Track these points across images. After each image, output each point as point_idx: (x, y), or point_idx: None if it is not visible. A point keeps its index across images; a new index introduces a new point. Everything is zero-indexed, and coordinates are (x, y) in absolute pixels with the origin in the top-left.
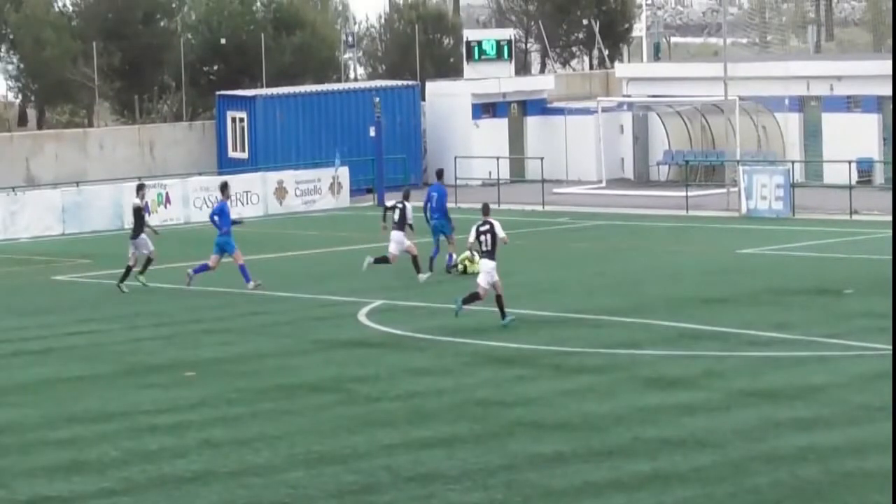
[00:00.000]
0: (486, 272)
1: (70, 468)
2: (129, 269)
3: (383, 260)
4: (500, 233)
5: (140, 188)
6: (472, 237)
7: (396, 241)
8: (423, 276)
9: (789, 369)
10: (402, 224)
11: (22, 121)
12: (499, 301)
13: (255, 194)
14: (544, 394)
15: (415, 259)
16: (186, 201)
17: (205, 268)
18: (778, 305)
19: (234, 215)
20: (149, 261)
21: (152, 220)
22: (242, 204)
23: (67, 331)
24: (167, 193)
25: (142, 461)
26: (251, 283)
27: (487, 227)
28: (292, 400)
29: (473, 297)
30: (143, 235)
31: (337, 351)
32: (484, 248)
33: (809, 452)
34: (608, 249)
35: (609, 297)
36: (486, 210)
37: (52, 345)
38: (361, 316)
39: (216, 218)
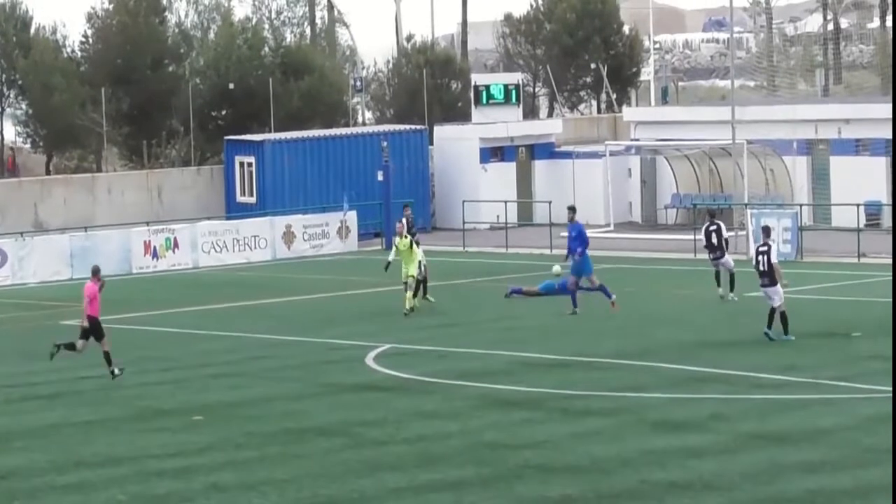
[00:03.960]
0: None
1: None
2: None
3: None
4: (774, 258)
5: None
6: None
7: None
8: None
9: (797, 412)
10: None
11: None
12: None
13: (263, 238)
14: (552, 437)
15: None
16: (195, 246)
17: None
18: (785, 348)
19: (240, 258)
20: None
21: (160, 264)
22: (250, 248)
23: (76, 375)
24: (175, 238)
25: None
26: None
27: (766, 248)
28: (300, 444)
29: (771, 316)
30: None
31: (345, 395)
32: (761, 269)
33: (818, 496)
34: (615, 293)
35: (616, 341)
36: (767, 232)
37: (60, 389)
38: (369, 360)
39: (572, 236)
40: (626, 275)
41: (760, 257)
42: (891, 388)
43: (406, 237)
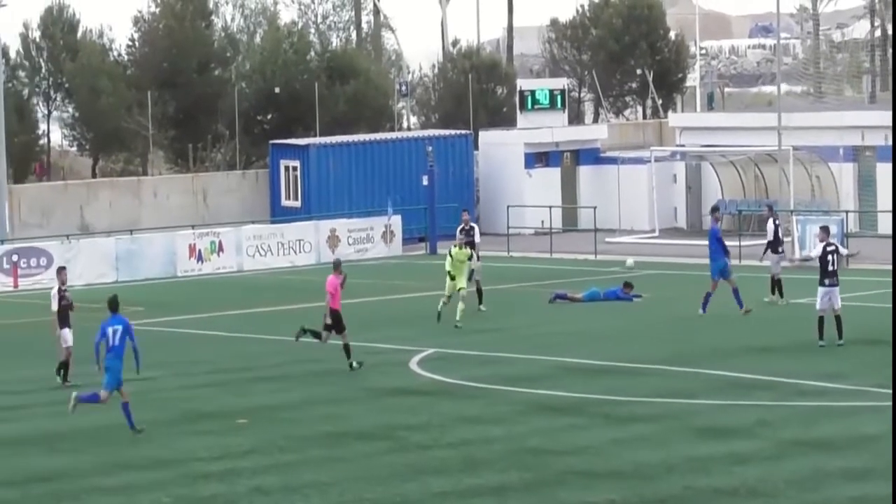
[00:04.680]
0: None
1: None
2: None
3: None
4: (843, 250)
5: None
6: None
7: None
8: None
9: (841, 419)
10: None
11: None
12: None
13: (308, 242)
14: (595, 442)
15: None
16: (239, 249)
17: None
18: (830, 355)
19: (285, 262)
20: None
21: (205, 267)
22: (295, 252)
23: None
24: (220, 241)
25: None
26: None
27: (833, 247)
28: (343, 447)
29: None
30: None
31: (388, 398)
32: (831, 269)
33: (862, 503)
34: (660, 298)
35: (660, 346)
36: (828, 232)
37: None
38: (413, 364)
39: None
40: (671, 281)
41: (831, 256)
42: None
43: (464, 248)
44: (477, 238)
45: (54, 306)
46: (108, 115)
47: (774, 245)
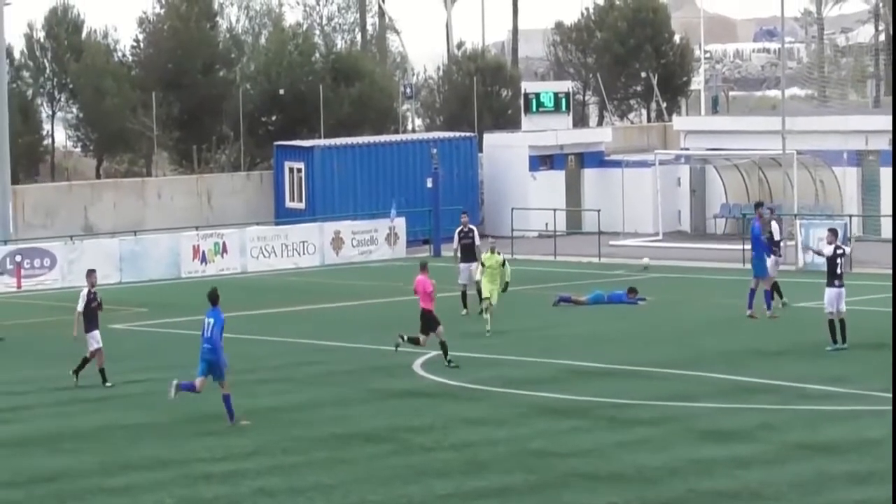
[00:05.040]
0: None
1: None
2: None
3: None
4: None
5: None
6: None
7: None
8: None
9: (845, 423)
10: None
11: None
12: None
13: (312, 244)
14: (599, 445)
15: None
16: (244, 250)
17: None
18: (834, 359)
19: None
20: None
21: (209, 268)
22: (299, 254)
23: (125, 379)
24: (224, 243)
25: None
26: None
27: (842, 250)
28: (347, 449)
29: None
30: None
31: (392, 401)
32: (839, 271)
33: None
34: (664, 301)
35: (664, 349)
36: (836, 234)
37: (109, 392)
38: (416, 366)
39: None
40: (675, 284)
41: (839, 259)
42: None
43: (498, 254)
44: (477, 241)
45: (80, 306)
46: (112, 115)
47: (772, 248)
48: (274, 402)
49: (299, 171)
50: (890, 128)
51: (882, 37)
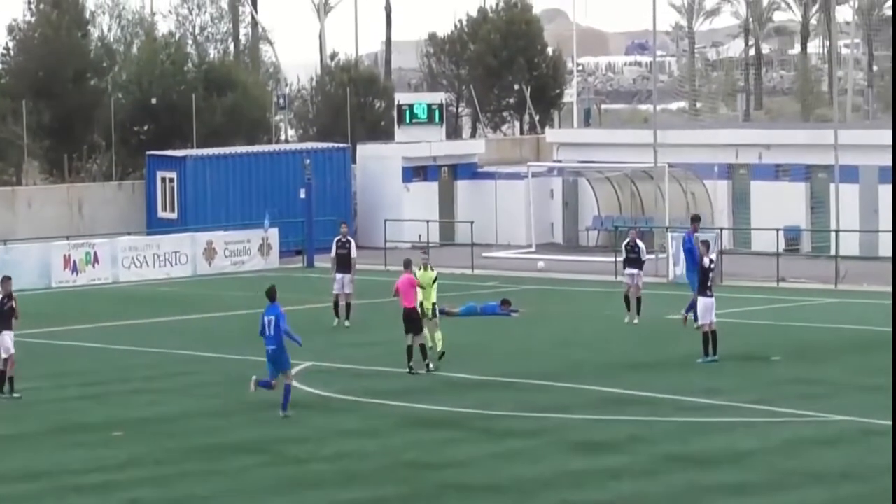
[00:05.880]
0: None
1: None
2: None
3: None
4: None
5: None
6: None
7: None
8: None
9: (717, 435)
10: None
11: None
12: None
13: (184, 254)
14: (473, 457)
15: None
16: (115, 261)
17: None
18: (706, 371)
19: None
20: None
21: (80, 278)
22: (171, 264)
23: None
24: (95, 253)
25: None
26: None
27: (713, 263)
28: (220, 460)
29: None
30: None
31: (265, 412)
32: (710, 283)
33: None
34: (537, 314)
35: (537, 361)
36: (709, 246)
37: None
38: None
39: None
40: (548, 296)
41: (712, 273)
42: (811, 412)
43: (431, 270)
44: (353, 252)
45: None
46: None
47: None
48: (146, 413)
49: (171, 180)
50: (760, 141)
51: (752, 51)
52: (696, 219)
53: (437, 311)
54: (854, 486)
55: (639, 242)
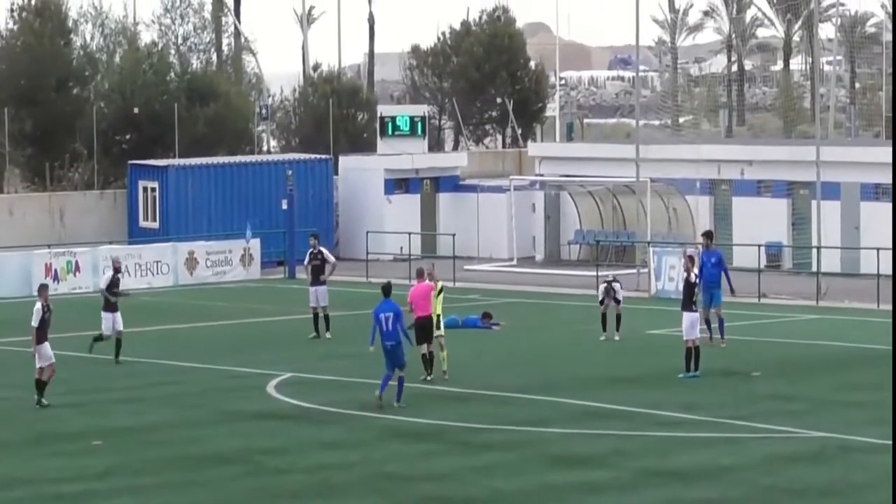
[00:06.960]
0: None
1: None
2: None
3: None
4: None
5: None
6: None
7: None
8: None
9: (697, 450)
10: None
11: None
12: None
13: (166, 264)
14: (452, 469)
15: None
16: (96, 269)
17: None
18: (686, 386)
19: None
20: None
21: (61, 287)
22: (153, 274)
23: None
24: (77, 261)
25: None
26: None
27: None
28: (200, 471)
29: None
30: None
31: (246, 423)
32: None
33: None
34: (519, 327)
35: (518, 374)
36: (693, 261)
37: None
38: (270, 388)
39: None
40: (529, 310)
41: (698, 288)
42: (790, 428)
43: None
44: (330, 258)
45: (35, 322)
46: None
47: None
48: (126, 423)
49: (153, 190)
50: (742, 157)
51: (734, 67)
52: (708, 234)
53: (442, 324)
54: (834, 503)
55: (615, 286)
